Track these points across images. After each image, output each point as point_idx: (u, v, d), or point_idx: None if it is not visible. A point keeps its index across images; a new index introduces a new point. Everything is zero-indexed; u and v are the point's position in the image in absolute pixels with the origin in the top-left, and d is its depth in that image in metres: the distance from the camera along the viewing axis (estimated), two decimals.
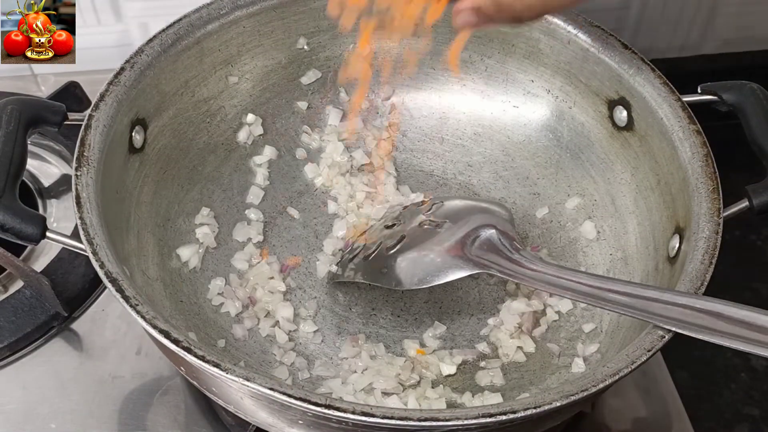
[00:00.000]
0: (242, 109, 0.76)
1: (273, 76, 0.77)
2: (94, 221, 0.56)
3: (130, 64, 0.65)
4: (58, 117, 0.64)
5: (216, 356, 0.50)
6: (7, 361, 0.69)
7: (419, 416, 0.48)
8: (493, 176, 0.78)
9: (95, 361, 0.70)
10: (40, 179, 0.81)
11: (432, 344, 0.68)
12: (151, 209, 0.68)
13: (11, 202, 0.58)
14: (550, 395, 0.50)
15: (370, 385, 0.64)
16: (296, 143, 0.79)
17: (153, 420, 0.66)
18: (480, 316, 0.70)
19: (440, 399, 0.64)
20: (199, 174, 0.73)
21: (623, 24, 0.93)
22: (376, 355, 0.67)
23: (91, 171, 0.59)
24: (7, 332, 0.69)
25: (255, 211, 0.74)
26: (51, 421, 0.66)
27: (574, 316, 0.69)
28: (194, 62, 0.70)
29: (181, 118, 0.71)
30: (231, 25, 0.71)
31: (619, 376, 0.52)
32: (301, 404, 0.48)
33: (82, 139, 0.60)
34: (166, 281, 0.67)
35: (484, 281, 0.72)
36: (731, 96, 0.66)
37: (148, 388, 0.68)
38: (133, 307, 0.52)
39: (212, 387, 0.56)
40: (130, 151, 0.65)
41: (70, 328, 0.72)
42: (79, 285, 0.72)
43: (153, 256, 0.67)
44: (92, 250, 0.54)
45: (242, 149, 0.76)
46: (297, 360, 0.66)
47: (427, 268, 0.65)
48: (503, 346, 0.68)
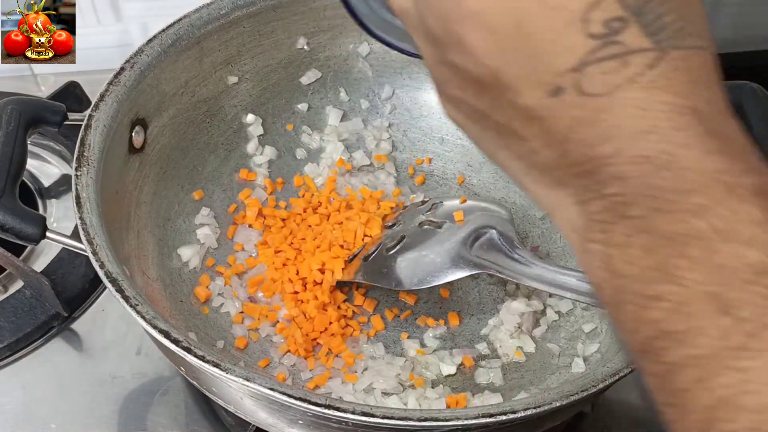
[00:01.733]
0: (242, 109, 0.76)
1: (273, 76, 0.77)
2: (94, 221, 0.56)
3: (130, 64, 0.65)
4: (58, 117, 0.64)
5: (216, 356, 0.50)
6: (7, 361, 0.69)
7: (419, 416, 0.48)
8: (493, 176, 0.78)
9: (95, 361, 0.70)
10: (40, 179, 0.81)
11: (432, 344, 0.68)
12: (151, 209, 0.68)
13: (11, 202, 0.58)
14: (550, 395, 0.51)
15: (370, 385, 0.64)
16: (296, 143, 0.79)
17: (153, 420, 0.66)
18: (480, 316, 0.70)
19: (440, 399, 0.64)
20: (199, 174, 0.73)
21: None
22: (376, 355, 0.67)
23: (91, 171, 0.59)
24: (7, 332, 0.69)
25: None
26: (51, 421, 0.66)
27: (574, 316, 0.69)
28: (194, 62, 0.70)
29: (181, 118, 0.71)
30: (231, 25, 0.71)
31: (619, 376, 0.52)
32: (301, 404, 0.48)
33: (82, 139, 0.60)
34: (166, 281, 0.67)
35: (484, 281, 0.72)
36: (731, 96, 0.65)
37: (148, 388, 0.68)
38: (133, 307, 0.52)
39: (212, 387, 0.56)
40: (130, 151, 0.65)
41: (70, 328, 0.72)
42: (79, 285, 0.72)
43: (153, 256, 0.67)
44: (92, 250, 0.54)
45: (242, 149, 0.76)
46: (297, 360, 0.66)
47: (427, 268, 0.65)
48: (503, 346, 0.68)
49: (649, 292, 0.29)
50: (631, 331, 0.30)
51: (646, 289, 0.29)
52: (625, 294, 0.30)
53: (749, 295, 0.28)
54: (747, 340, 0.27)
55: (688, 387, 0.28)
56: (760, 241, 0.29)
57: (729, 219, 0.29)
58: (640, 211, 0.30)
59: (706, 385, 0.28)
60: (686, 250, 0.29)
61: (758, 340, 0.27)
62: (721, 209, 0.29)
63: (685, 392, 0.28)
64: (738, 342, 0.27)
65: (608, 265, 0.31)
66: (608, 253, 0.31)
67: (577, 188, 0.32)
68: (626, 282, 0.30)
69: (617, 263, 0.30)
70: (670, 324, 0.29)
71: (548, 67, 0.31)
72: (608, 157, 0.31)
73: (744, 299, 0.28)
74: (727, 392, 0.27)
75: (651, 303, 0.29)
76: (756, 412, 0.27)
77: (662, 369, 0.29)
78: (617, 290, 0.31)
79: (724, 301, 0.28)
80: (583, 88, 0.31)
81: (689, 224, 0.29)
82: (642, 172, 0.30)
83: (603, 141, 0.31)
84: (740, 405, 0.27)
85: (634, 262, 0.30)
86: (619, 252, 0.30)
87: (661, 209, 0.30)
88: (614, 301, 0.31)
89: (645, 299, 0.29)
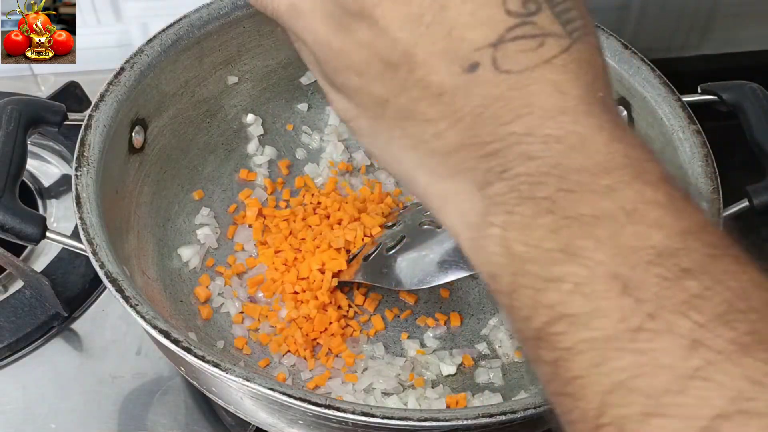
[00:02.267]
0: (242, 109, 0.76)
1: (273, 76, 0.77)
2: (94, 221, 0.56)
3: (130, 64, 0.65)
4: (58, 117, 0.64)
5: (216, 356, 0.50)
6: (7, 361, 0.69)
7: (419, 416, 0.48)
8: None
9: (95, 361, 0.70)
10: (40, 179, 0.81)
11: (432, 344, 0.68)
12: (151, 209, 0.68)
13: (11, 202, 0.58)
14: None
15: (370, 385, 0.64)
16: (296, 143, 0.79)
17: (153, 420, 0.66)
18: (480, 316, 0.70)
19: (440, 399, 0.64)
20: (199, 174, 0.73)
21: (623, 24, 0.93)
22: (376, 355, 0.67)
23: (91, 171, 0.59)
24: (7, 332, 0.69)
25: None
26: (51, 421, 0.66)
27: None
28: (194, 62, 0.70)
29: (181, 118, 0.71)
30: (231, 25, 0.71)
31: None
32: (301, 404, 0.48)
33: (82, 139, 0.60)
34: (166, 281, 0.67)
35: (485, 281, 0.71)
36: (731, 96, 0.66)
37: (148, 388, 0.68)
38: (133, 307, 0.52)
39: (212, 387, 0.56)
40: (130, 151, 0.65)
41: (70, 328, 0.72)
42: (79, 285, 0.72)
43: (153, 256, 0.67)
44: (92, 250, 0.54)
45: (242, 149, 0.76)
46: (297, 360, 0.66)
47: (427, 268, 0.65)
48: (503, 346, 0.68)
49: (549, 274, 0.29)
50: (526, 318, 0.30)
51: (545, 271, 0.29)
52: (523, 278, 0.30)
53: (650, 277, 0.27)
54: (645, 320, 0.27)
55: (581, 374, 0.28)
56: (664, 224, 0.28)
57: (636, 201, 0.29)
58: (548, 191, 0.29)
59: (602, 370, 0.27)
60: (593, 231, 0.28)
61: (657, 321, 0.27)
62: (629, 192, 0.29)
63: (579, 379, 0.28)
64: (636, 323, 0.27)
65: (507, 249, 0.30)
66: (508, 236, 0.30)
67: (479, 172, 0.31)
68: (525, 265, 0.29)
69: (517, 246, 0.30)
70: (569, 306, 0.28)
71: (465, 42, 0.31)
72: (519, 135, 0.30)
73: (645, 280, 0.27)
74: (622, 376, 0.27)
75: (550, 285, 0.29)
76: (649, 396, 0.26)
77: (556, 356, 0.28)
78: (514, 275, 0.30)
79: (625, 281, 0.27)
80: (499, 64, 0.31)
81: (597, 206, 0.29)
82: (553, 152, 0.30)
83: (514, 119, 0.30)
84: (634, 388, 0.26)
85: (537, 244, 0.29)
86: (520, 234, 0.30)
87: (571, 190, 0.29)
88: (510, 289, 0.30)
89: (544, 282, 0.29)
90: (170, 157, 0.70)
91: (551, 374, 0.29)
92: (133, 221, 0.65)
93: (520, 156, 0.30)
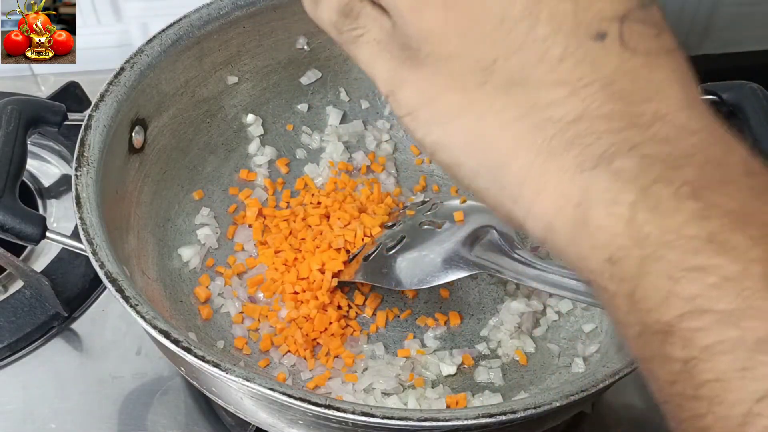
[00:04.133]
0: (242, 109, 0.76)
1: (273, 76, 0.77)
2: (94, 221, 0.56)
3: (130, 64, 0.65)
4: (58, 117, 0.64)
5: (216, 356, 0.50)
6: (7, 361, 0.69)
7: (419, 416, 0.48)
8: None
9: (95, 361, 0.70)
10: (40, 179, 0.81)
11: (432, 344, 0.68)
12: (151, 209, 0.68)
13: (11, 202, 0.58)
14: (550, 395, 0.50)
15: (370, 385, 0.64)
16: (296, 143, 0.79)
17: (153, 420, 0.66)
18: (480, 316, 0.70)
19: (440, 399, 0.64)
20: (199, 174, 0.73)
21: None
22: (376, 355, 0.67)
23: (91, 171, 0.59)
24: (7, 332, 0.69)
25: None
26: (51, 421, 0.66)
27: (574, 316, 0.69)
28: (194, 62, 0.70)
29: (181, 118, 0.71)
30: (231, 25, 0.71)
31: (619, 376, 0.52)
32: (301, 404, 0.48)
33: (82, 139, 0.60)
34: (166, 281, 0.67)
35: (484, 281, 0.72)
36: (731, 96, 0.66)
37: (148, 388, 0.68)
38: (133, 307, 0.52)
39: (212, 387, 0.56)
40: (130, 151, 0.65)
41: (70, 328, 0.72)
42: (79, 285, 0.72)
43: (153, 256, 0.67)
44: (92, 250, 0.54)
45: (242, 149, 0.76)
46: (297, 360, 0.66)
47: (427, 268, 0.65)
48: (503, 346, 0.68)
49: (690, 263, 0.26)
50: (652, 309, 0.27)
51: (685, 260, 0.26)
52: (656, 263, 0.27)
53: None
54: None
55: (722, 377, 0.25)
56: None
57: None
58: (689, 176, 0.27)
59: (750, 374, 0.25)
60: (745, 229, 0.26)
61: None
62: None
63: (718, 382, 0.25)
64: None
65: (637, 231, 0.27)
66: (638, 217, 0.27)
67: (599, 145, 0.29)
68: (658, 250, 0.27)
69: (650, 228, 0.27)
70: (712, 301, 0.26)
71: (594, 9, 0.29)
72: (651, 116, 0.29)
73: None
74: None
75: (689, 275, 0.26)
76: None
77: (689, 354, 0.26)
78: (643, 259, 0.27)
79: None
80: (626, 39, 0.29)
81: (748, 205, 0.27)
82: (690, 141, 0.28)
83: (645, 100, 0.29)
84: None
85: (677, 229, 0.27)
86: (654, 216, 0.27)
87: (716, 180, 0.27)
88: (634, 273, 0.28)
89: (682, 271, 0.26)
90: (170, 157, 0.70)
91: (679, 374, 0.27)
92: (133, 221, 0.65)
93: (653, 137, 0.28)
